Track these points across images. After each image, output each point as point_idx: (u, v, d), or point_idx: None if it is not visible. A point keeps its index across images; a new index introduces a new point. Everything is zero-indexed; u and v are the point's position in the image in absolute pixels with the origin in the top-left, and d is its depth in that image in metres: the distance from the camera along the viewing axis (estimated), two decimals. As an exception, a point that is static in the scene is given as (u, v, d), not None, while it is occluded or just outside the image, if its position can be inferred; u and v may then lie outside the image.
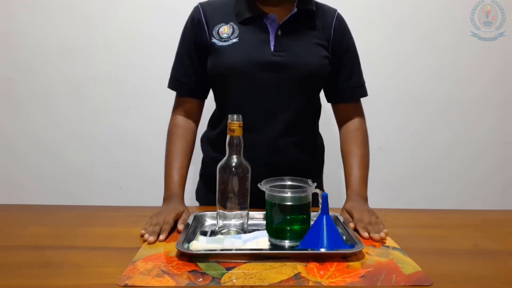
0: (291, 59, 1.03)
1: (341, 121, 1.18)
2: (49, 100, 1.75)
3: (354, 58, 1.15)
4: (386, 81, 1.79)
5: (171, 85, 1.13)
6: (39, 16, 1.70)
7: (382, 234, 0.86)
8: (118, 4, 1.71)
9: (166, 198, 1.03)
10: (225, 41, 1.04)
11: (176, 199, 1.01)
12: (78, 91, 1.75)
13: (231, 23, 1.05)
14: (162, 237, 0.84)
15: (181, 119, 1.12)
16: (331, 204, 0.83)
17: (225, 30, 1.05)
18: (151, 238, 0.83)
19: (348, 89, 1.14)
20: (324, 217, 0.80)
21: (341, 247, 0.78)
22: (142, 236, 0.86)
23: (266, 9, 1.06)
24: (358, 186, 1.06)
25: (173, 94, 1.15)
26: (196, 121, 1.16)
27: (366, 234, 0.87)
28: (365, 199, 1.05)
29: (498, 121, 1.87)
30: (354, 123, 1.15)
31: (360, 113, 1.16)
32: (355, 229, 0.90)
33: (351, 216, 0.95)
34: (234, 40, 1.04)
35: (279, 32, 1.04)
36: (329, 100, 1.19)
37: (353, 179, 1.07)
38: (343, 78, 1.13)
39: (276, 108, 1.05)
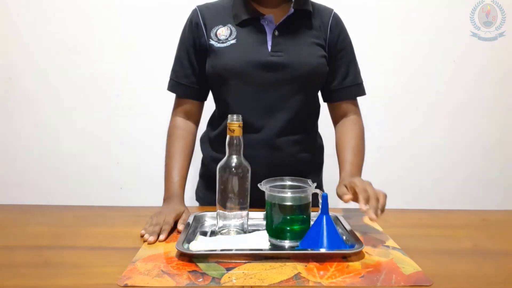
0: (288, 59, 1.03)
1: (337, 120, 1.16)
2: (49, 100, 1.75)
3: (350, 57, 1.14)
4: (386, 81, 1.79)
5: (171, 88, 1.14)
6: (39, 16, 1.70)
7: (379, 214, 0.80)
8: (118, 4, 1.71)
9: (166, 199, 1.03)
10: (223, 42, 1.05)
11: (176, 200, 1.01)
12: (78, 91, 1.75)
13: (229, 25, 1.06)
14: (162, 237, 0.84)
15: (181, 121, 1.13)
16: (331, 204, 0.83)
17: (222, 32, 1.06)
18: (151, 238, 0.83)
19: (344, 88, 1.13)
20: (324, 217, 0.80)
21: (341, 247, 0.78)
22: (142, 236, 0.86)
23: (263, 10, 1.06)
24: (353, 169, 1.03)
25: (173, 94, 1.15)
26: (196, 122, 1.16)
27: (365, 207, 0.80)
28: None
29: (498, 121, 1.87)
30: (350, 119, 1.14)
31: (356, 112, 1.16)
32: (354, 200, 0.85)
33: (353, 187, 0.87)
34: (232, 42, 1.04)
35: (276, 33, 1.05)
36: (325, 99, 1.18)
37: (347, 164, 1.04)
38: (339, 77, 1.12)
39: (275, 107, 1.05)
